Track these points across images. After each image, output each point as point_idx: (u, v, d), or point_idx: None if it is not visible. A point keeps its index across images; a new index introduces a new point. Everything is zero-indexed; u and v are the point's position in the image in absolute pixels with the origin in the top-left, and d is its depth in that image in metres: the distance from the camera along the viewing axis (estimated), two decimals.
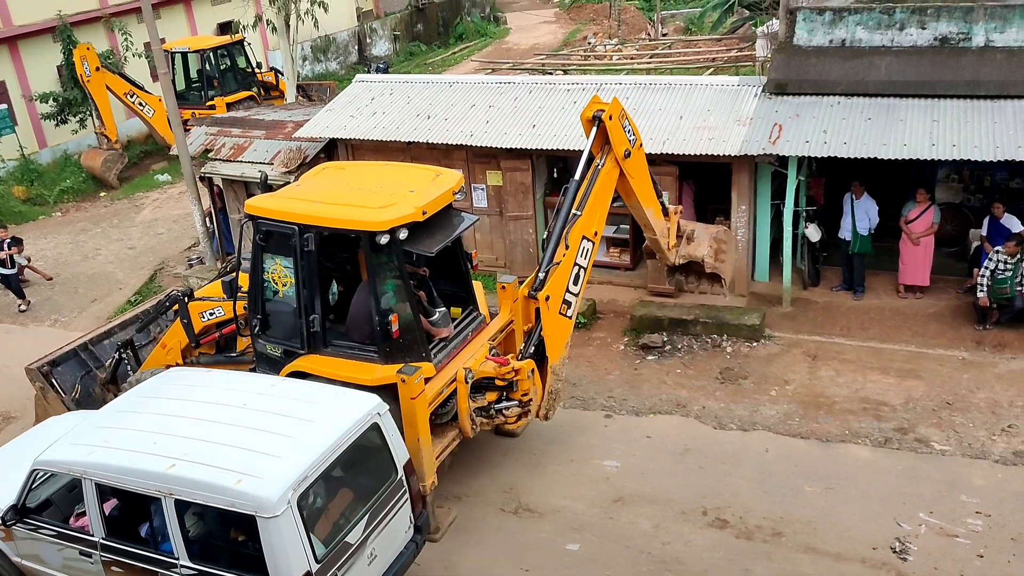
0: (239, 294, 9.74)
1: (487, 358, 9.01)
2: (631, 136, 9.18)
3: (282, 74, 23.90)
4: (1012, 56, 11.76)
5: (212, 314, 10.32)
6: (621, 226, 13.77)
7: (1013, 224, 12.02)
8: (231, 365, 9.94)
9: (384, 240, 8.39)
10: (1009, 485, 9.14)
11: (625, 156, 9.12)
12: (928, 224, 12.41)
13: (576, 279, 8.97)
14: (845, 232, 12.78)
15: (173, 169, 21.94)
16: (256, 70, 24.07)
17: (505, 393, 8.87)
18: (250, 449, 7.01)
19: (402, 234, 8.47)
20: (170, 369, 9.33)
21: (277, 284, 9.13)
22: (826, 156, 11.55)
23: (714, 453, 10.05)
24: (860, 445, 9.95)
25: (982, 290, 11.59)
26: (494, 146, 13.38)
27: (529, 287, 8.68)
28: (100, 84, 21.52)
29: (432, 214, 8.77)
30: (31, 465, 7.73)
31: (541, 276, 8.63)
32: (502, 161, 13.77)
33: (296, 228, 8.72)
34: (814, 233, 12.89)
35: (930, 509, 8.87)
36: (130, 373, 10.61)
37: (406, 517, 7.84)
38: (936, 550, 8.37)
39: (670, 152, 12.21)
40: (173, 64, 22.06)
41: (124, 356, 10.77)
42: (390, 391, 8.63)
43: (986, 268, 11.56)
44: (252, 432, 7.24)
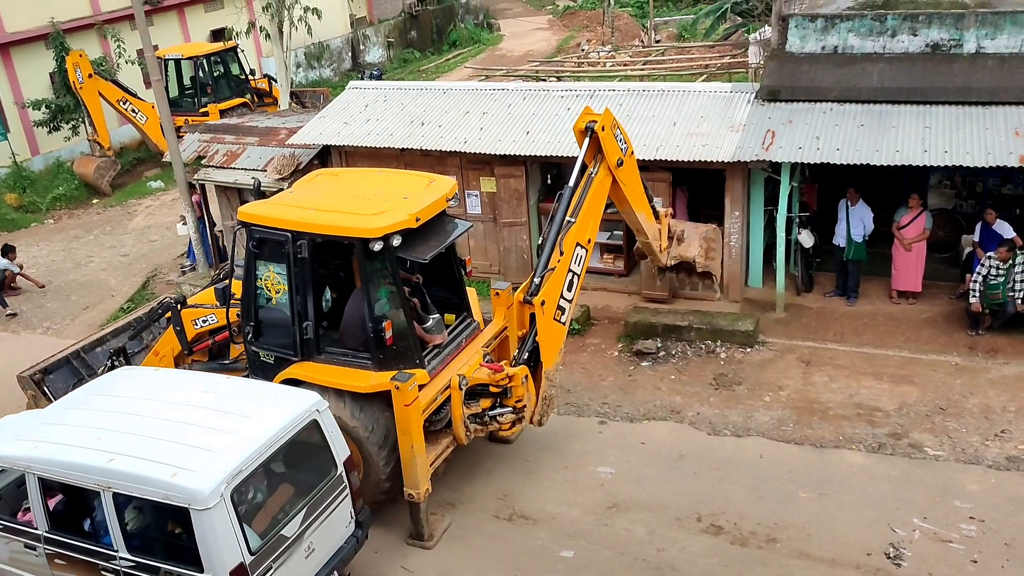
0: (232, 301, 9.72)
1: (481, 364, 9.01)
2: (623, 145, 9.27)
3: (275, 81, 23.88)
4: (1003, 63, 11.82)
5: (205, 321, 10.31)
6: (615, 232, 13.78)
7: (1005, 230, 12.07)
8: (224, 372, 9.91)
9: (378, 247, 8.38)
10: (1002, 490, 9.15)
11: (618, 165, 9.20)
12: (920, 230, 12.45)
13: (570, 285, 8.99)
14: (839, 238, 12.81)
15: (166, 176, 21.90)
16: (249, 77, 24.07)
17: (499, 400, 8.87)
18: (187, 444, 7.23)
19: (396, 241, 8.46)
20: (120, 368, 9.48)
21: (270, 291, 9.11)
22: (819, 162, 11.58)
23: (708, 459, 10.05)
24: (854, 451, 9.96)
25: (974, 295, 11.62)
26: (488, 153, 13.38)
27: (524, 292, 8.69)
28: (93, 91, 21.51)
29: (426, 221, 8.76)
30: None
31: (536, 281, 8.65)
32: (496, 167, 13.78)
33: (289, 235, 8.71)
34: (807, 239, 12.93)
35: (924, 515, 8.88)
36: None
37: (346, 512, 8.06)
38: (930, 556, 8.38)
39: (664, 158, 12.23)
40: (166, 71, 22.05)
41: (117, 364, 10.70)
42: (384, 398, 8.63)
43: (978, 274, 11.60)
44: (191, 428, 7.46)
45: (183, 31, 27.35)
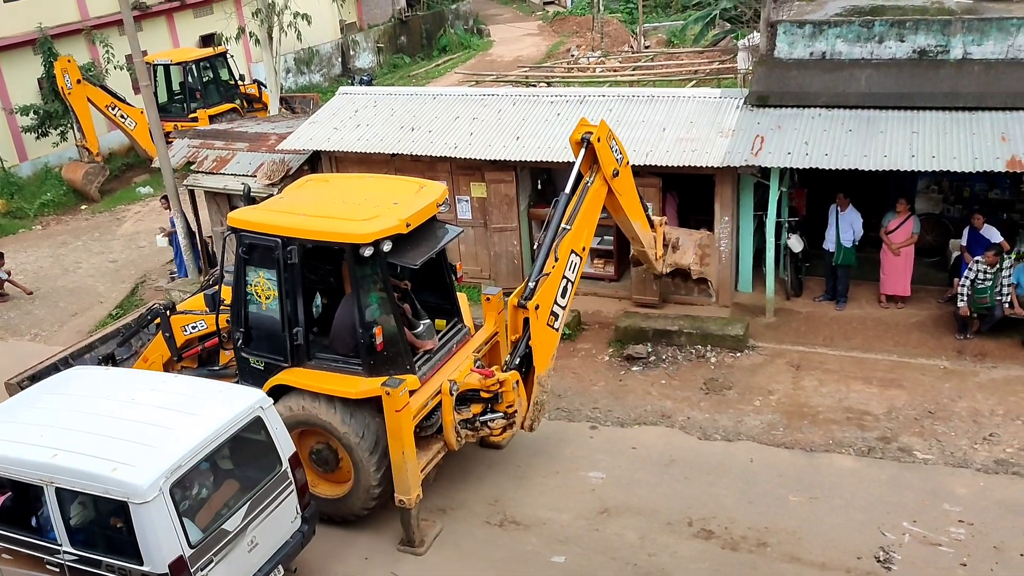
0: (222, 307, 9.69)
1: (472, 370, 9.00)
2: (618, 156, 9.38)
3: (265, 86, 23.85)
4: (989, 68, 11.91)
5: (194, 327, 10.27)
6: (605, 237, 13.80)
7: (992, 234, 12.14)
8: (214, 379, 9.87)
9: (368, 252, 8.37)
10: (991, 493, 9.20)
11: (613, 175, 9.30)
12: (908, 234, 12.52)
13: (564, 292, 9.02)
14: (829, 243, 12.87)
15: (155, 182, 21.81)
16: (239, 82, 24.00)
17: (490, 405, 8.84)
18: (129, 440, 7.41)
19: (386, 246, 8.46)
20: (73, 367, 9.56)
21: (260, 297, 9.08)
22: (808, 167, 11.64)
23: (699, 464, 10.06)
24: (844, 455, 10.00)
25: (962, 300, 11.69)
26: (478, 158, 13.39)
27: (519, 296, 8.70)
28: (81, 96, 21.41)
29: (416, 226, 8.77)
30: None
31: (531, 285, 8.66)
32: (486, 173, 13.79)
33: (279, 241, 8.69)
34: (796, 244, 12.98)
35: (913, 518, 8.92)
36: None
37: (292, 508, 8.19)
38: (920, 559, 8.41)
39: (653, 164, 12.26)
40: (155, 76, 21.97)
41: None
42: (375, 404, 8.61)
43: (966, 278, 11.67)
44: (135, 424, 7.63)
45: (172, 36, 27.26)
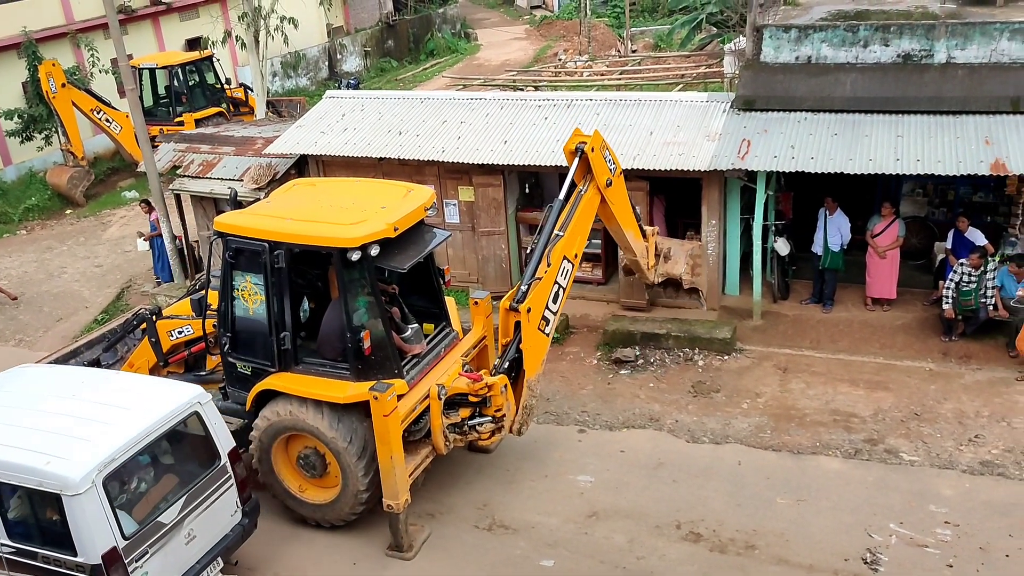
0: (208, 312, 9.64)
1: (460, 374, 8.99)
2: (611, 165, 9.45)
3: (252, 90, 23.74)
4: (973, 73, 12.00)
5: (181, 332, 10.22)
6: (593, 241, 13.78)
7: (977, 237, 12.23)
8: (201, 384, 9.81)
9: (355, 256, 8.35)
10: (977, 495, 9.25)
11: (607, 185, 9.35)
12: (893, 238, 12.60)
13: (555, 297, 9.05)
14: (817, 247, 12.92)
15: (141, 186, 21.66)
16: (225, 86, 23.91)
17: (478, 409, 8.85)
18: (65, 434, 7.59)
19: (374, 250, 8.43)
20: (18, 366, 9.60)
21: (247, 302, 9.04)
22: (794, 171, 11.69)
23: (687, 467, 10.08)
24: (831, 457, 10.04)
25: (947, 302, 11.76)
26: (466, 162, 13.39)
27: (511, 299, 8.71)
28: (66, 100, 21.27)
29: (404, 230, 8.75)
30: None
31: (523, 289, 8.67)
32: (474, 177, 13.78)
33: (266, 245, 8.66)
34: (783, 247, 13.04)
35: (900, 520, 8.96)
36: None
37: (232, 502, 8.37)
38: (907, 560, 8.45)
39: (641, 167, 12.29)
40: (141, 80, 21.85)
41: None
42: (363, 408, 8.59)
43: (951, 281, 11.74)
44: (72, 419, 7.81)
45: (158, 40, 27.12)
